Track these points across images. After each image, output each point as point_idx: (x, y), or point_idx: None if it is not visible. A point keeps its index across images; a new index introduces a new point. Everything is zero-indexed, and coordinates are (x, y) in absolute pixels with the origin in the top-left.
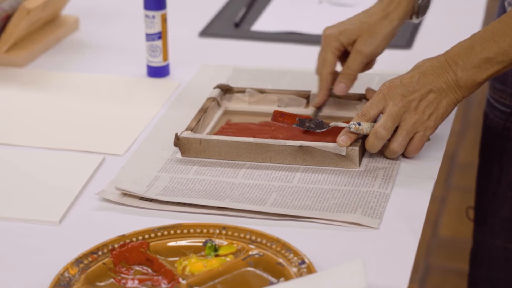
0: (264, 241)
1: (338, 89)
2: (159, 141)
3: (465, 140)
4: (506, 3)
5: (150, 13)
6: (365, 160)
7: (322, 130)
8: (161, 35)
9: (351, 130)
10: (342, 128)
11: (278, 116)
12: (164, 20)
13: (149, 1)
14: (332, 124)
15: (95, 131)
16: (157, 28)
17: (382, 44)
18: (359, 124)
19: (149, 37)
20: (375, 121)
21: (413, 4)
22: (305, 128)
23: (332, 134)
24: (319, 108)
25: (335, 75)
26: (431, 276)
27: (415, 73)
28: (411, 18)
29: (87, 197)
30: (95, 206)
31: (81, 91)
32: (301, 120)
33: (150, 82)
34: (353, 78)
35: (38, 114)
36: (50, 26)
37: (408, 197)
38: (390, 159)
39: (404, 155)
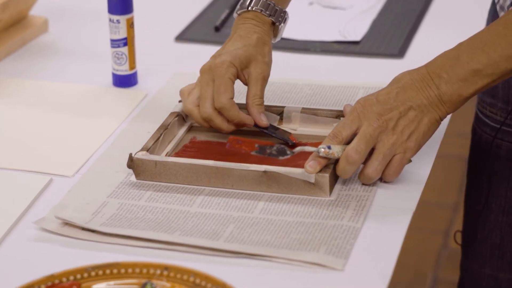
0: (208, 286)
1: (265, 122)
2: (114, 161)
3: None
4: (498, 7)
5: (115, 17)
6: (337, 186)
7: (286, 157)
8: (127, 42)
9: (320, 154)
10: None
11: (234, 143)
12: (130, 25)
13: (113, 4)
14: (298, 149)
15: (45, 148)
16: (122, 34)
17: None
18: (329, 147)
19: (114, 43)
20: (349, 142)
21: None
22: (266, 156)
23: (306, 156)
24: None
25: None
26: None
27: (393, 88)
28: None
29: (26, 225)
30: (33, 236)
31: (38, 101)
32: (261, 147)
33: (115, 92)
34: (262, 104)
35: None
36: (16, 27)
37: (380, 233)
38: (366, 185)
39: (382, 180)
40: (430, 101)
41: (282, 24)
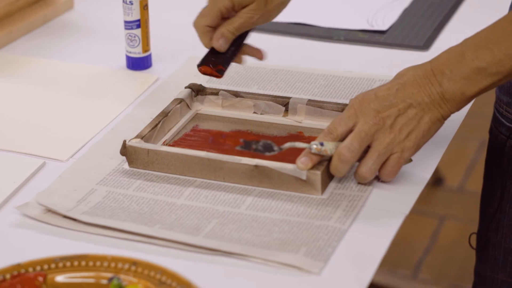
0: (173, 284)
1: (218, 45)
2: (110, 147)
3: None
4: None
5: None
6: (332, 185)
7: (272, 154)
8: (140, 24)
9: (312, 151)
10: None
11: (218, 137)
12: (143, 6)
13: None
14: (287, 145)
15: (43, 130)
16: (135, 16)
17: (274, 13)
18: (321, 144)
19: (127, 24)
20: (344, 139)
21: None
22: (251, 151)
23: (296, 153)
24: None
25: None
26: None
27: (393, 84)
28: None
29: (9, 210)
30: (15, 221)
31: (45, 81)
32: (246, 142)
33: (126, 75)
34: (234, 37)
35: None
36: (39, 4)
37: (366, 237)
38: (362, 184)
39: (379, 179)
40: (432, 99)
41: None
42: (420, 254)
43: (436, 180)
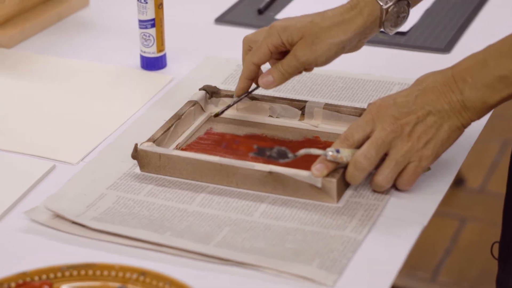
0: None
1: (264, 81)
2: (122, 150)
3: None
4: None
5: None
6: (348, 193)
7: (286, 161)
8: (154, 23)
9: (328, 158)
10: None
11: (231, 143)
12: (158, 5)
13: None
14: (302, 151)
15: (53, 131)
16: (149, 15)
17: (325, 55)
18: (337, 151)
19: (142, 24)
20: (360, 146)
21: (380, 13)
22: (266, 158)
23: (311, 160)
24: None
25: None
26: None
27: (413, 91)
28: (382, 27)
29: (17, 215)
30: (23, 226)
31: (57, 81)
32: (260, 149)
33: (140, 75)
34: (284, 78)
35: None
36: (54, 1)
37: (382, 248)
38: (379, 192)
39: (395, 187)
40: (452, 106)
41: (391, 7)
42: (440, 256)
43: (457, 181)
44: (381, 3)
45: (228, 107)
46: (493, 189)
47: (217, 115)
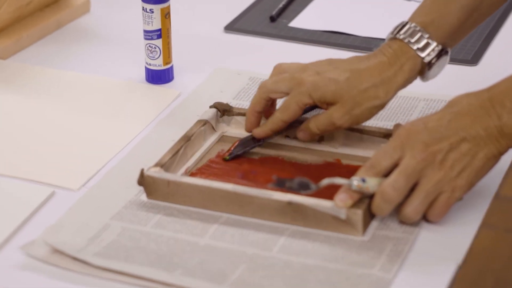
0: None
1: (301, 136)
2: (126, 174)
3: None
4: None
5: (148, 6)
6: (374, 224)
7: (309, 192)
8: (160, 34)
9: (353, 188)
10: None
11: (248, 174)
12: (165, 15)
13: None
14: (326, 181)
15: (52, 154)
16: (155, 25)
17: (365, 118)
18: (363, 180)
19: (147, 34)
20: (388, 174)
21: (421, 67)
22: (285, 189)
23: (334, 191)
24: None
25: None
26: None
27: (445, 114)
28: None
29: (13, 249)
30: (19, 263)
31: (54, 96)
32: (279, 180)
33: (145, 90)
34: (317, 135)
35: None
36: (52, 7)
37: None
38: (407, 224)
39: (425, 218)
40: (489, 132)
41: (434, 59)
42: None
43: None
44: (422, 55)
45: (242, 153)
46: (509, 195)
47: (226, 159)
